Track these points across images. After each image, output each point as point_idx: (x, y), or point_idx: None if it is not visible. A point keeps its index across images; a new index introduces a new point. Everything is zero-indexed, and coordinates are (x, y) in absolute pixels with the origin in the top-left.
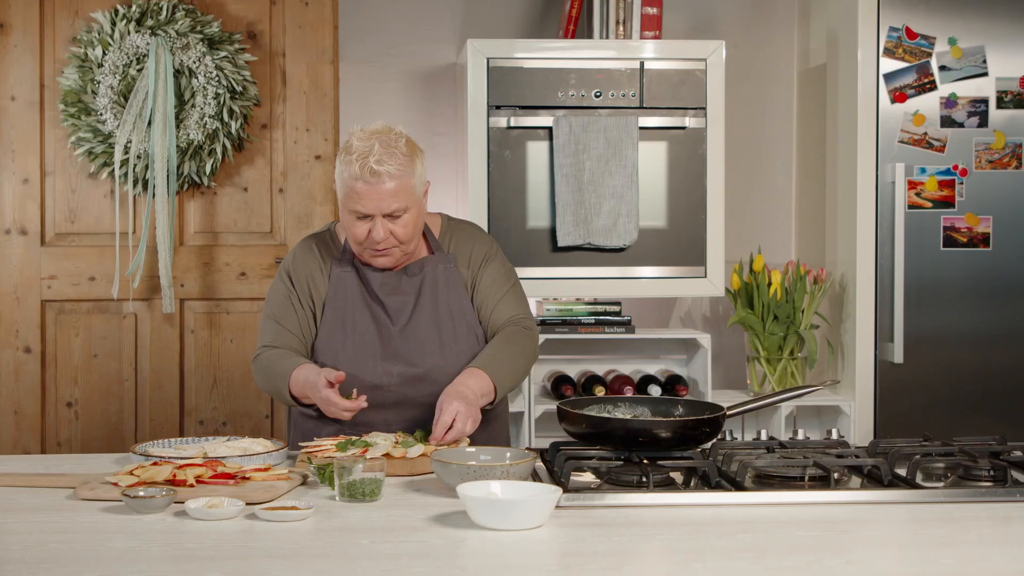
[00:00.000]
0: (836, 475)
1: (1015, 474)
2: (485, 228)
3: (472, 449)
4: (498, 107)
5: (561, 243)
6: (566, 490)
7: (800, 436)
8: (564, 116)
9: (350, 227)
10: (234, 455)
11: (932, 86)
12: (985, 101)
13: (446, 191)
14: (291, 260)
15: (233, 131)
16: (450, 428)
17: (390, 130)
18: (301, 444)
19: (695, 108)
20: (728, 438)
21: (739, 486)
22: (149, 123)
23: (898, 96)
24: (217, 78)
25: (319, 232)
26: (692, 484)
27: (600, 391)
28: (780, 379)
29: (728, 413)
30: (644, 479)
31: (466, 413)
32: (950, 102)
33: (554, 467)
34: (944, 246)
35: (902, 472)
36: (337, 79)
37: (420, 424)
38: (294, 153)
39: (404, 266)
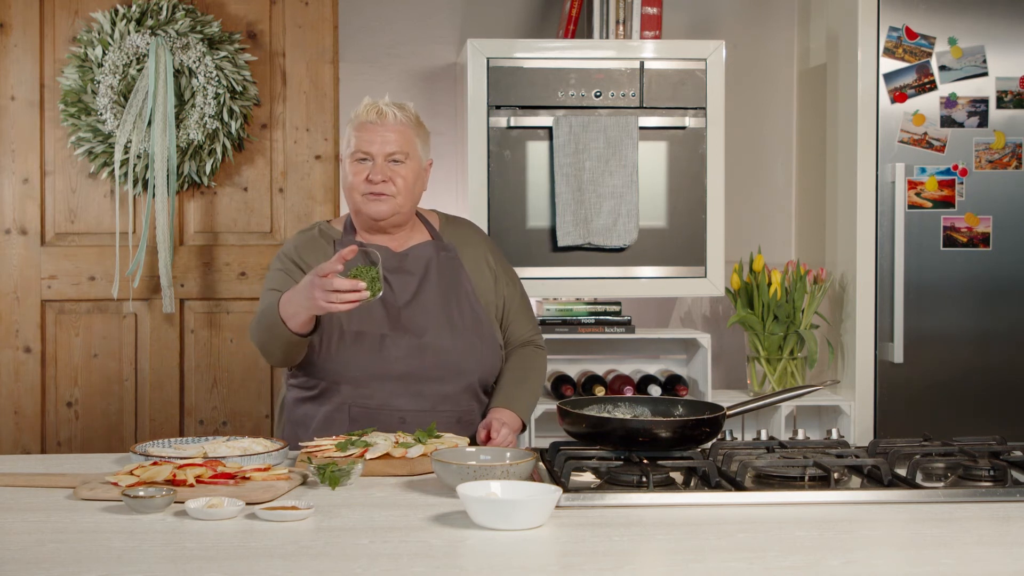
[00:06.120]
0: (836, 475)
1: (1015, 474)
2: (485, 228)
3: (472, 449)
4: (498, 107)
5: (561, 243)
6: (566, 490)
7: (800, 436)
8: (564, 116)
9: (352, 177)
10: (234, 455)
11: (932, 86)
12: (985, 101)
13: (446, 191)
14: (291, 247)
15: (233, 131)
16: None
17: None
18: (301, 444)
19: (695, 108)
20: (728, 438)
21: (739, 486)
22: (149, 123)
23: (898, 96)
24: (217, 78)
25: (310, 227)
26: (692, 484)
27: (600, 391)
28: (780, 379)
29: (728, 413)
30: (644, 479)
31: (509, 431)
32: (950, 102)
33: (554, 467)
34: (944, 246)
35: (902, 472)
36: (337, 79)
37: (425, 397)
38: (294, 153)
39: (407, 248)
